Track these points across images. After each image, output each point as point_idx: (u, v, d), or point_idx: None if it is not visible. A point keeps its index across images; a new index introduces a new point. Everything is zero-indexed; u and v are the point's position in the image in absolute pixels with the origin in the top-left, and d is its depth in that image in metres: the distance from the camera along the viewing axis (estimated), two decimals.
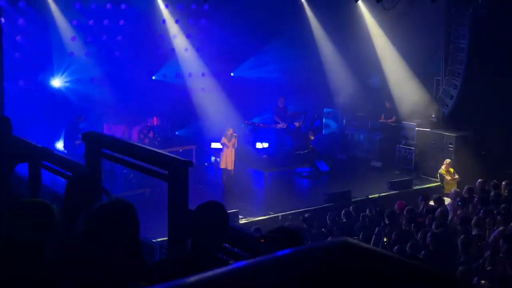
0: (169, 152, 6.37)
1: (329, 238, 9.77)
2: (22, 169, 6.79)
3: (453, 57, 17.23)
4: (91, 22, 16.95)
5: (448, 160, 16.00)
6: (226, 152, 15.55)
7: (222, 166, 15.69)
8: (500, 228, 10.53)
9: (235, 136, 15.73)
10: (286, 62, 19.46)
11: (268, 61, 19.75)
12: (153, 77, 18.82)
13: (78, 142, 14.41)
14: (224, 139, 15.58)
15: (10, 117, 6.72)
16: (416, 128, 17.88)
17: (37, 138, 10.68)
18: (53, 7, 16.31)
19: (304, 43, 19.46)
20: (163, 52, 18.68)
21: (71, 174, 5.76)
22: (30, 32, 16.01)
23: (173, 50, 18.83)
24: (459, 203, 12.42)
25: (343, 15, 18.54)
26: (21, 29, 15.80)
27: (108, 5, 17.03)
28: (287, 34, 19.00)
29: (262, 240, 3.79)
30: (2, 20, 12.87)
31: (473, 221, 11.12)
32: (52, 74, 16.84)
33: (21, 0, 15.70)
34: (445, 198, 13.24)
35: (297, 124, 18.40)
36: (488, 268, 9.04)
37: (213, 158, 17.29)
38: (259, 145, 18.24)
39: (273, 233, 3.87)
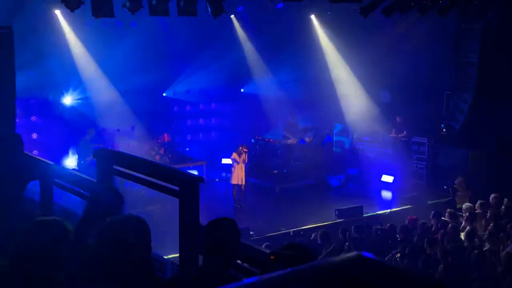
0: (179, 168, 6.39)
1: (343, 253, 9.70)
2: (34, 187, 6.80)
3: (464, 71, 17.20)
4: (100, 39, 17.05)
5: (460, 175, 15.91)
6: (236, 168, 15.53)
7: (233, 182, 15.67)
8: None
9: (245, 152, 15.72)
10: (296, 78, 19.48)
11: (278, 77, 19.77)
12: (164, 94, 18.90)
13: (89, 158, 14.45)
14: (234, 155, 15.57)
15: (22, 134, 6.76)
16: (427, 143, 17.81)
17: (48, 155, 10.74)
18: (64, 24, 16.44)
19: (314, 59, 19.49)
20: (173, 68, 18.76)
21: (82, 191, 5.76)
22: (41, 50, 16.11)
23: (182, 66, 18.91)
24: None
25: (352, 30, 18.55)
26: (32, 47, 15.92)
27: (118, 23, 17.12)
28: (296, 50, 19.04)
29: (272, 257, 3.75)
30: None
31: (485, 236, 11.04)
32: (63, 92, 16.95)
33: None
34: (458, 213, 13.15)
35: (307, 139, 18.37)
36: (502, 283, 8.95)
37: (223, 174, 17.30)
38: (269, 161, 18.23)
39: (283, 249, 3.83)
